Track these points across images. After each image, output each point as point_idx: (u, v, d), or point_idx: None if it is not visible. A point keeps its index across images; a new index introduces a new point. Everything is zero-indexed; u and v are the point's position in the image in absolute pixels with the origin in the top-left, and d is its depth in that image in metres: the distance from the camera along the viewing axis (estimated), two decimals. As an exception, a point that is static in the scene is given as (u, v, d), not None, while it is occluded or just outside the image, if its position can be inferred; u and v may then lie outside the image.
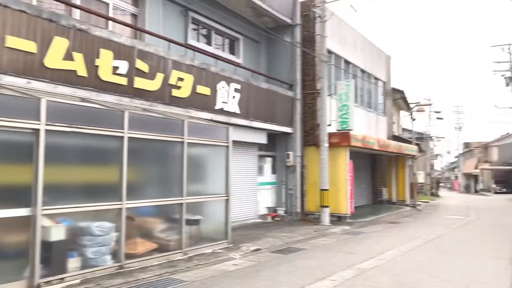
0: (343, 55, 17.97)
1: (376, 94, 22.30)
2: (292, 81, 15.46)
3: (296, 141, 15.41)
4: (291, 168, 15.41)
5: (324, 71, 14.74)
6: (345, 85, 15.41)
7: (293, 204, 15.31)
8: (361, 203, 22.13)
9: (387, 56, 23.69)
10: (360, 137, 15.88)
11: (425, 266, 8.08)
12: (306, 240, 11.34)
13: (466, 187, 56.93)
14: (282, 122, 14.88)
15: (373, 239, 11.79)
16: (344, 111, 15.36)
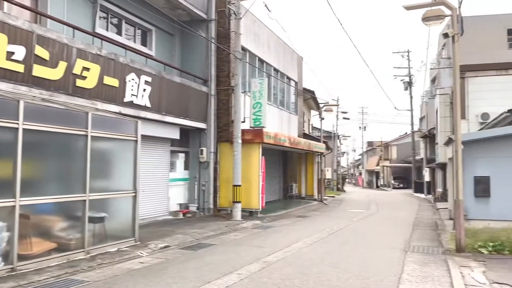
0: (257, 54, 18.28)
1: (289, 94, 23.03)
2: (207, 77, 15.39)
3: (209, 137, 15.37)
4: (204, 164, 15.34)
5: (238, 68, 14.87)
6: (259, 83, 15.70)
7: (206, 200, 15.27)
8: (273, 198, 22.77)
9: (299, 57, 24.57)
10: (272, 134, 16.29)
11: (328, 257, 8.52)
12: (217, 235, 11.37)
13: (369, 183, 61.23)
14: (195, 117, 14.74)
15: (282, 232, 12.17)
16: (257, 108, 15.64)
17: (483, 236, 9.76)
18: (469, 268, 7.58)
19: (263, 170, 15.57)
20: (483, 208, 12.54)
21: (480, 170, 12.63)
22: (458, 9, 9.37)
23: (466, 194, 12.38)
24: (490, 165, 12.59)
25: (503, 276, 6.89)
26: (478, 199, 12.57)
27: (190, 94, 14.35)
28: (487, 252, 8.89)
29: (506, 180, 12.40)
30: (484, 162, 12.64)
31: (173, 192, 14.62)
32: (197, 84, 14.86)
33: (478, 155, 12.69)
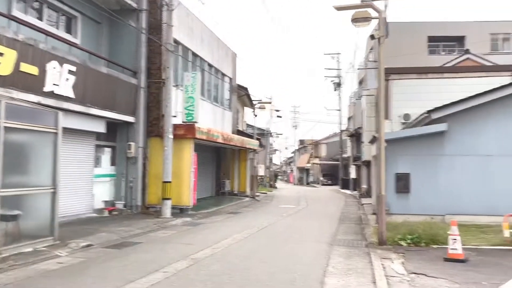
0: (190, 47, 17.94)
1: (223, 90, 22.90)
2: (137, 68, 14.81)
3: (139, 131, 14.81)
4: (132, 160, 14.76)
5: (170, 61, 14.46)
6: (192, 77, 15.40)
7: (134, 197, 14.71)
8: (205, 195, 22.54)
9: (234, 53, 24.52)
10: (205, 130, 16.07)
11: (256, 252, 8.53)
12: (144, 233, 10.98)
13: (300, 180, 62.91)
14: (124, 110, 14.13)
15: (212, 229, 12.04)
16: (190, 103, 15.34)
17: (403, 229, 10.31)
18: (389, 260, 7.94)
19: (195, 166, 15.32)
20: (403, 203, 13.29)
21: (401, 167, 13.38)
22: (384, 13, 9.78)
23: (388, 190, 13.05)
24: (410, 162, 13.37)
25: (420, 267, 7.30)
26: (399, 194, 13.30)
27: (118, 86, 13.72)
28: (406, 244, 9.40)
29: (424, 177, 13.24)
30: (405, 159, 13.40)
31: (98, 188, 13.91)
32: (126, 76, 14.25)
33: (400, 153, 13.42)
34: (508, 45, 36.12)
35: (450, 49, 37.22)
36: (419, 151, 13.32)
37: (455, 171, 13.05)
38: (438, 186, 13.13)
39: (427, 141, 13.28)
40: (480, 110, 13.00)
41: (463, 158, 13.07)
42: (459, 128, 13.13)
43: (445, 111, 13.05)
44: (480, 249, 8.91)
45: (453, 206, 12.98)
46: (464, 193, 12.93)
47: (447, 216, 13.02)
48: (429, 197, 13.15)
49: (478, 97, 12.84)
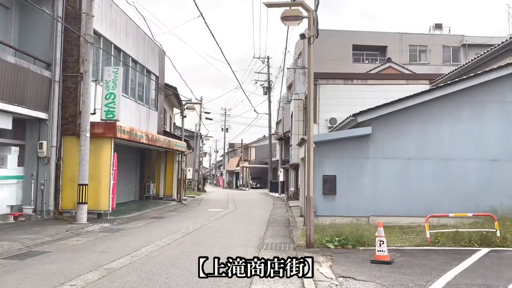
0: (113, 41, 16.81)
1: (149, 88, 21.85)
2: (51, 60, 13.48)
3: (52, 129, 13.48)
4: (44, 160, 13.39)
5: (89, 53, 13.33)
6: (113, 72, 14.34)
7: (45, 202, 13.34)
8: (128, 199, 21.31)
9: (161, 51, 23.55)
10: (127, 129, 15.06)
11: (179, 260, 7.91)
12: (54, 241, 9.88)
13: (229, 183, 62.59)
14: (34, 105, 12.77)
15: (132, 235, 11.18)
16: (110, 99, 14.26)
17: (330, 231, 10.24)
18: (318, 263, 7.72)
19: (115, 168, 14.26)
20: (330, 205, 13.35)
21: (328, 169, 13.43)
22: (315, 12, 9.66)
23: (315, 192, 13.02)
24: (336, 164, 13.47)
25: (348, 270, 7.14)
26: (326, 196, 13.34)
27: (27, 78, 12.36)
28: (333, 246, 9.29)
29: (349, 179, 13.40)
30: (331, 162, 13.48)
31: (2, 192, 12.41)
32: (38, 67, 12.90)
33: (327, 155, 13.48)
34: (425, 56, 38.67)
35: (373, 58, 39.05)
36: (345, 154, 13.46)
37: (378, 173, 13.35)
38: (363, 188, 13.35)
39: (353, 143, 13.47)
40: (402, 114, 13.43)
41: (386, 161, 13.41)
42: (382, 132, 13.46)
43: (370, 114, 13.32)
44: (404, 250, 9.03)
45: (377, 208, 13.27)
46: (387, 195, 13.27)
47: (371, 217, 13.30)
48: (355, 199, 13.33)
49: (400, 102, 13.26)
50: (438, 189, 13.13)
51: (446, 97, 13.23)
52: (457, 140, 13.21)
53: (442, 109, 13.33)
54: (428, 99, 13.15)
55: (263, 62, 42.33)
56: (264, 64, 42.42)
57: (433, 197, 13.10)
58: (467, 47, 38.18)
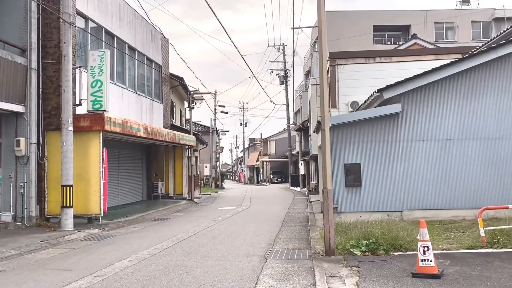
0: (103, 24, 15.03)
1: (151, 78, 20.10)
2: (25, 45, 11.81)
3: (30, 123, 11.82)
4: (23, 159, 11.76)
5: (68, 34, 11.60)
6: (98, 56, 12.55)
7: (26, 207, 11.71)
8: (134, 199, 19.68)
9: (164, 39, 21.76)
10: (119, 121, 13.28)
11: (157, 279, 6.03)
12: (19, 255, 8.19)
13: (250, 179, 60.74)
14: (7, 97, 11.13)
15: (118, 243, 9.38)
16: (97, 87, 12.48)
17: (356, 232, 8.19)
18: (339, 280, 5.73)
19: (105, 166, 12.52)
20: (354, 199, 11.28)
21: (350, 157, 11.35)
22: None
23: (336, 184, 11.00)
24: (360, 151, 11.37)
25: (381, 290, 5.12)
26: (349, 189, 11.27)
27: (-3, 66, 10.71)
28: (360, 253, 7.25)
29: (377, 167, 11.29)
30: (354, 148, 11.39)
31: (-26, 197, 10.83)
32: (8, 53, 11.24)
33: (349, 141, 11.40)
34: (452, 33, 35.77)
35: (396, 38, 36.36)
36: (371, 137, 11.35)
37: (411, 159, 11.20)
38: (393, 178, 11.21)
39: (379, 125, 11.33)
40: (437, 87, 11.21)
41: (420, 143, 11.23)
42: (414, 109, 11.28)
43: (399, 89, 11.13)
44: (453, 255, 6.92)
45: (411, 200, 11.14)
46: (423, 185, 11.11)
47: (405, 212, 11.17)
48: (384, 190, 11.22)
49: (435, 72, 11.03)
50: (487, 175, 10.88)
51: (494, 63, 10.94)
52: (508, 116, 10.91)
53: (488, 79, 11.04)
54: (470, 66, 10.89)
55: (278, 50, 40.26)
56: (279, 52, 40.34)
57: (480, 185, 10.88)
58: (498, 22, 35.12)
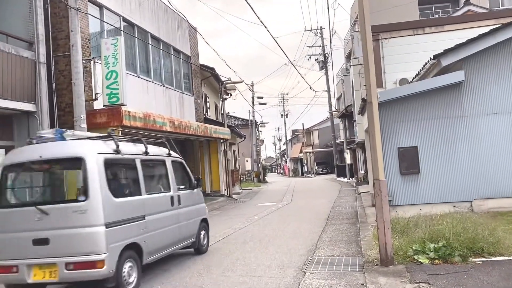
0: (120, 13, 13.90)
1: (180, 70, 18.90)
2: (32, 37, 10.80)
3: (42, 123, 10.77)
4: (37, 162, 10.78)
5: (75, 21, 10.41)
6: (112, 44, 11.38)
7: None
8: (170, 199, 18.60)
9: (192, 28, 20.51)
10: (140, 115, 12.09)
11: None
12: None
13: (294, 171, 59.02)
14: (14, 95, 10.13)
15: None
16: (112, 79, 11.33)
17: (418, 232, 6.45)
18: (404, 307, 4.07)
19: (126, 164, 11.31)
20: (412, 189, 9.45)
21: (404, 139, 9.52)
22: None
23: (389, 172, 9.17)
24: (416, 131, 9.50)
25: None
26: (405, 177, 9.46)
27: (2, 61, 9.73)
28: (428, 261, 5.52)
29: (437, 149, 9.38)
30: (408, 128, 9.54)
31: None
32: (13, 47, 10.24)
33: (401, 119, 9.56)
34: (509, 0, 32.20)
35: (444, 11, 33.29)
36: (428, 114, 9.46)
37: (480, 137, 9.21)
38: (458, 161, 9.28)
39: (437, 99, 9.41)
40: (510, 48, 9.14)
41: (490, 118, 9.23)
42: (481, 76, 9.28)
43: (461, 53, 9.14)
44: None
45: (483, 187, 9.18)
46: (496, 168, 9.13)
47: (476, 201, 9.22)
48: (448, 177, 9.31)
49: (508, 28, 8.94)
50: None
51: None
52: None
53: None
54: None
55: (316, 34, 38.16)
56: (317, 36, 38.25)
57: None
58: None
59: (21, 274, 5.04)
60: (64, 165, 5.71)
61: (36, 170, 5.88)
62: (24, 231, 5.12)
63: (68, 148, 5.52)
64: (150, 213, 5.98)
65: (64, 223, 5.04)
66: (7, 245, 5.20)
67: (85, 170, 5.15)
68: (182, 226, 6.92)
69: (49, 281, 5.08)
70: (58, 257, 4.97)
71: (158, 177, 6.98)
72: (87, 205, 5.02)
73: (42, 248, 5.01)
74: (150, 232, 5.87)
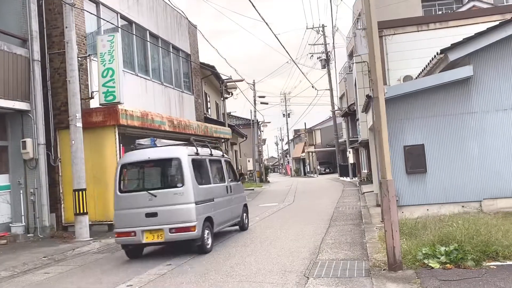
0: (118, 9, 13.59)
1: (179, 68, 18.58)
2: (25, 34, 10.52)
3: (37, 122, 10.52)
4: (31, 163, 10.48)
5: (70, 17, 10.17)
6: (108, 41, 11.08)
7: (38, 216, 10.42)
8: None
9: (192, 26, 20.20)
10: (137, 114, 11.78)
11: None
12: (9, 277, 6.79)
13: (296, 171, 58.63)
14: (7, 94, 9.87)
15: (124, 259, 7.81)
16: (108, 77, 11.02)
17: (427, 234, 6.11)
18: (417, 318, 3.73)
19: (123, 164, 11.03)
20: (418, 189, 9.10)
21: (410, 137, 9.17)
22: None
23: (395, 171, 8.79)
24: (423, 128, 9.16)
25: None
26: (411, 176, 9.11)
27: (-7, 59, 9.46)
28: (439, 265, 5.17)
29: (444, 147, 9.03)
30: (415, 125, 9.19)
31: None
32: (6, 44, 9.95)
33: (407, 116, 9.22)
34: (514, -5, 31.70)
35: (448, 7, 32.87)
36: (435, 111, 9.11)
37: (490, 134, 8.86)
38: (467, 159, 8.93)
39: (445, 95, 9.06)
40: (520, 41, 8.77)
41: (500, 114, 8.88)
42: (490, 71, 8.92)
43: (469, 47, 8.78)
44: None
45: (492, 186, 8.83)
46: (509, 166, 8.76)
47: (485, 201, 8.87)
48: (456, 176, 8.96)
49: (518, 20, 8.59)
50: None
51: None
52: None
53: None
54: None
55: (318, 32, 37.73)
56: (319, 34, 37.85)
57: None
58: None
59: (138, 237, 7.30)
60: (166, 163, 7.95)
61: (145, 167, 8.18)
62: (139, 207, 7.39)
63: (169, 152, 7.92)
64: (216, 197, 8.38)
65: (167, 201, 7.33)
66: (127, 218, 7.42)
67: (181, 166, 7.48)
68: (233, 208, 9.29)
69: (157, 242, 7.37)
70: (164, 224, 7.20)
71: (218, 171, 9.26)
72: (183, 190, 7.35)
73: (152, 219, 7.26)
74: (217, 210, 8.21)
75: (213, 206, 8.05)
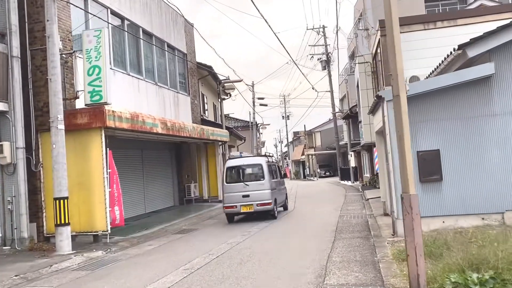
0: (108, 5, 12.74)
1: (175, 68, 17.73)
2: (4, 29, 9.66)
3: (15, 124, 9.65)
4: (9, 168, 9.61)
5: (51, 10, 9.33)
6: (94, 36, 10.20)
7: (16, 226, 9.54)
8: (165, 205, 17.47)
9: (188, 24, 19.36)
10: (127, 115, 10.90)
11: None
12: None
13: (296, 174, 57.73)
14: (-18, 93, 9.00)
15: (114, 274, 6.98)
16: (95, 75, 10.14)
17: (453, 256, 5.25)
18: None
19: (111, 170, 10.16)
20: (433, 199, 8.26)
21: (424, 142, 8.34)
22: None
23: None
24: (438, 132, 8.33)
25: None
26: (426, 185, 8.27)
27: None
28: (473, 297, 4.32)
29: (462, 153, 8.19)
30: (429, 128, 8.37)
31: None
32: (-21, 38, 9.10)
33: (420, 119, 8.39)
34: (520, -5, 30.90)
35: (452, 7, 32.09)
36: (451, 113, 8.29)
37: (513, 139, 8.01)
38: (487, 166, 8.10)
39: (462, 95, 8.25)
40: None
41: (524, 117, 8.01)
42: (514, 70, 8.08)
43: (490, 42, 7.96)
44: None
45: (516, 197, 7.96)
46: (533, 174, 7.91)
47: (507, 213, 8.01)
48: (475, 185, 8.12)
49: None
50: None
51: None
52: None
53: None
54: None
55: (318, 33, 36.94)
56: (319, 35, 37.05)
57: None
58: None
59: (238, 209, 12.51)
60: (254, 166, 13.34)
61: (241, 169, 13.31)
62: (238, 192, 12.63)
63: (255, 160, 14.04)
64: (277, 186, 13.72)
65: (255, 188, 12.58)
66: (231, 198, 12.66)
67: (262, 168, 12.96)
68: (282, 194, 14.77)
69: (249, 211, 12.50)
70: (253, 201, 12.43)
71: (274, 171, 14.09)
72: (264, 182, 12.68)
73: (246, 199, 12.48)
74: (276, 196, 13.27)
75: (276, 192, 13.37)
